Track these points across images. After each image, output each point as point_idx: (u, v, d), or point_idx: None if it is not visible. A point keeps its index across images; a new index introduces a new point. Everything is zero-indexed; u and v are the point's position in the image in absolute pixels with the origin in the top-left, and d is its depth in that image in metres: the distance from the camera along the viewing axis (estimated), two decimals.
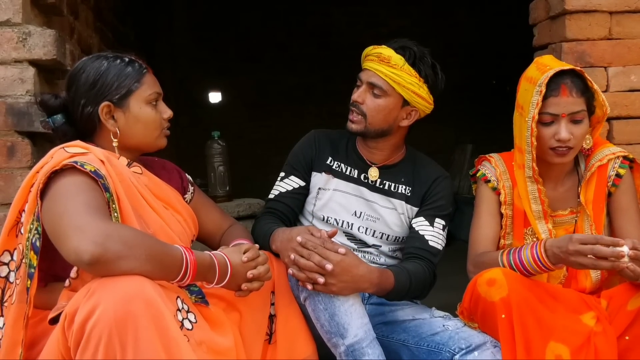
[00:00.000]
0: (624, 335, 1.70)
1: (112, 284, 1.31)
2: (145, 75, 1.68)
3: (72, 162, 1.46)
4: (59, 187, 1.45)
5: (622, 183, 1.93)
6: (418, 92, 1.98)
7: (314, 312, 1.74)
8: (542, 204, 1.93)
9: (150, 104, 1.69)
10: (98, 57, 1.69)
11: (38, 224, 1.45)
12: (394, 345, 1.89)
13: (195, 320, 1.49)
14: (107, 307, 1.28)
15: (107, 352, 1.28)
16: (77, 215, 1.37)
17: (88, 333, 1.28)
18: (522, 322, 1.64)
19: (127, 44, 4.27)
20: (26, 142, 2.04)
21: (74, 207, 1.39)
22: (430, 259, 1.99)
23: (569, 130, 1.82)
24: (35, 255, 1.44)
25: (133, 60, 1.69)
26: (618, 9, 2.31)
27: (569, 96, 1.81)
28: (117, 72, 1.65)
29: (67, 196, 1.42)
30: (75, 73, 1.66)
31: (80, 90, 1.64)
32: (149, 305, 1.31)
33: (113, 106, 1.64)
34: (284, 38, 7.67)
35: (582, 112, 1.83)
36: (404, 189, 2.09)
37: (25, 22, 2.07)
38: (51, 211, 1.42)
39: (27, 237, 1.45)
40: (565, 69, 1.83)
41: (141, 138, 1.69)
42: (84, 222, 1.35)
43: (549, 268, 1.73)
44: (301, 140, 2.18)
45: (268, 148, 7.28)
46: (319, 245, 1.71)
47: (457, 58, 7.15)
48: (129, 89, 1.64)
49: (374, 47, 2.02)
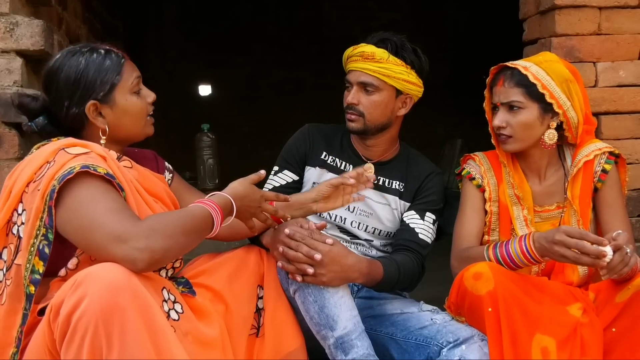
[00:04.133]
0: (611, 327, 1.72)
1: (98, 275, 1.30)
2: (124, 65, 1.63)
3: (84, 167, 1.43)
4: (78, 197, 1.42)
5: (608, 178, 1.96)
6: (408, 79, 1.99)
7: (303, 304, 1.74)
8: (513, 187, 1.98)
9: (135, 93, 1.65)
10: (73, 53, 1.60)
11: (49, 231, 1.41)
12: (382, 338, 1.90)
13: (181, 310, 1.48)
14: (93, 299, 1.26)
15: (93, 344, 1.27)
16: (108, 225, 1.38)
17: (74, 325, 1.27)
18: (509, 315, 1.66)
19: (116, 35, 4.24)
20: (13, 133, 2.03)
21: (101, 216, 1.39)
22: (419, 252, 2.00)
23: (503, 119, 1.92)
24: (42, 262, 1.41)
25: (109, 51, 1.63)
26: (607, 4, 2.32)
27: (503, 86, 1.92)
28: (97, 67, 1.58)
29: (90, 205, 1.41)
30: (52, 73, 1.59)
31: (62, 91, 1.57)
32: (135, 296, 1.30)
33: (99, 104, 1.59)
34: (274, 31, 7.65)
35: (516, 102, 1.90)
36: (397, 184, 2.10)
37: (13, 12, 2.05)
38: (75, 223, 1.41)
39: (31, 243, 1.41)
40: (509, 63, 1.93)
41: (131, 129, 1.66)
42: (119, 231, 1.37)
43: (537, 260, 1.75)
44: (295, 135, 2.18)
45: (258, 141, 7.27)
46: (306, 236, 1.71)
47: (447, 53, 7.17)
48: (112, 84, 1.59)
49: (354, 48, 2.03)
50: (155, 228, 1.40)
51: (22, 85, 2.04)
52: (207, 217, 1.52)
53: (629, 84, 2.35)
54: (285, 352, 1.76)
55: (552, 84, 1.88)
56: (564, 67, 1.93)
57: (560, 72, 1.90)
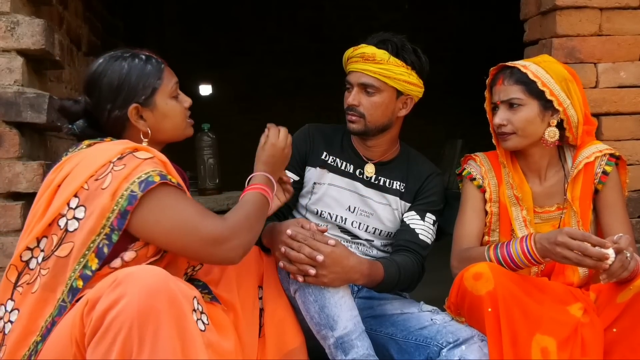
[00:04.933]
0: (612, 328, 1.72)
1: (139, 277, 1.32)
2: (164, 70, 1.68)
3: (163, 178, 1.50)
4: (162, 201, 1.50)
5: (608, 180, 1.96)
6: (409, 80, 1.99)
7: (304, 304, 1.74)
8: (512, 188, 1.98)
9: (174, 97, 1.70)
10: (116, 58, 1.65)
11: (114, 232, 1.46)
12: (382, 338, 1.90)
13: (207, 322, 1.49)
14: (131, 300, 1.28)
15: (124, 344, 1.28)
16: (202, 229, 1.51)
17: (108, 323, 1.28)
18: (509, 315, 1.66)
19: (117, 35, 4.24)
20: (14, 133, 2.03)
21: (193, 220, 1.52)
22: (419, 252, 2.00)
23: (504, 117, 1.92)
24: (97, 260, 1.45)
25: (149, 57, 1.69)
26: (608, 5, 2.32)
27: (502, 84, 1.92)
28: (139, 72, 1.63)
29: (178, 208, 1.51)
30: (96, 78, 1.63)
31: (105, 95, 1.61)
32: (172, 302, 1.32)
33: (141, 107, 1.63)
34: (274, 31, 7.65)
35: (516, 99, 1.90)
36: (398, 185, 2.10)
37: (14, 11, 2.04)
38: (166, 226, 1.49)
39: (92, 239, 1.45)
40: (508, 63, 1.94)
41: (171, 131, 1.71)
42: (214, 235, 1.52)
43: (538, 261, 1.75)
44: (295, 135, 2.18)
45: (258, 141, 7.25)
46: (309, 237, 1.71)
47: (447, 53, 7.16)
48: (153, 88, 1.64)
49: (354, 49, 2.03)
50: (240, 225, 1.57)
51: (22, 84, 2.04)
52: (264, 201, 1.71)
53: (629, 85, 2.35)
54: (285, 351, 1.77)
55: (551, 81, 1.88)
56: (562, 67, 1.94)
57: (559, 72, 1.91)
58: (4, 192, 2.01)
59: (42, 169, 2.02)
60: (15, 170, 2.00)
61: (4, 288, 1.50)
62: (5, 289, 1.50)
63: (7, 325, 1.47)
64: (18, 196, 2.03)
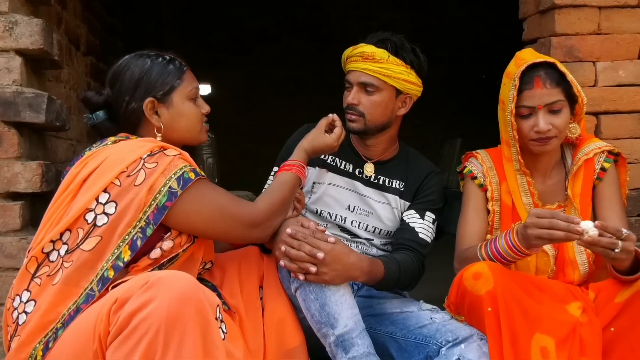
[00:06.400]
0: (610, 327, 1.72)
1: (171, 282, 1.34)
2: (185, 72, 1.74)
3: (197, 175, 1.59)
4: (199, 192, 1.59)
5: (606, 176, 1.95)
6: (408, 79, 2.00)
7: (304, 302, 1.74)
8: (532, 196, 1.95)
9: (192, 100, 1.74)
10: (141, 55, 1.72)
11: (149, 226, 1.52)
12: (382, 337, 1.90)
13: (226, 331, 1.51)
14: (161, 304, 1.29)
15: (149, 347, 1.29)
16: (238, 214, 1.64)
17: (136, 324, 1.29)
18: (508, 314, 1.66)
19: (116, 34, 4.24)
20: (13, 132, 2.02)
21: (229, 207, 1.64)
22: (419, 250, 2.00)
23: (548, 121, 1.85)
24: (130, 252, 1.51)
25: (173, 59, 1.74)
26: (607, 4, 2.32)
27: (543, 88, 1.84)
28: (160, 69, 1.69)
29: (215, 197, 1.62)
30: (119, 71, 1.70)
31: (125, 87, 1.68)
32: (200, 310, 1.33)
33: (157, 102, 1.68)
34: (273, 31, 7.64)
35: (559, 102, 1.85)
36: (398, 184, 2.10)
37: (12, 11, 2.04)
38: (206, 214, 1.60)
39: (127, 232, 1.51)
40: (538, 61, 1.86)
41: (184, 132, 1.74)
42: (250, 218, 1.66)
43: (523, 252, 1.74)
44: (294, 135, 2.18)
45: (257, 141, 7.26)
46: (308, 235, 1.71)
47: (447, 52, 7.16)
48: (171, 86, 1.70)
49: (353, 48, 2.03)
50: (272, 209, 1.71)
51: (21, 84, 2.04)
52: (297, 182, 1.84)
53: (628, 83, 2.35)
54: (285, 350, 1.77)
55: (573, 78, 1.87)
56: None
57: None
58: (3, 192, 2.01)
59: (41, 169, 2.02)
60: (14, 170, 2.00)
61: (21, 279, 1.53)
62: (23, 280, 1.52)
63: (22, 315, 1.49)
64: (17, 196, 2.03)
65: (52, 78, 2.65)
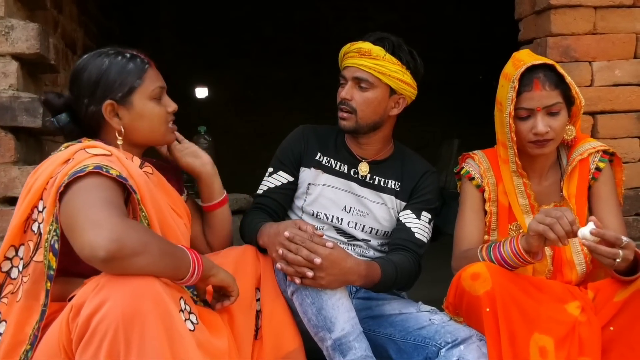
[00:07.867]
0: (609, 326, 1.72)
1: (122, 279, 1.31)
2: (147, 71, 1.66)
3: (96, 167, 1.43)
4: (80, 186, 1.41)
5: (601, 175, 1.95)
6: (403, 79, 2.00)
7: (301, 306, 1.74)
8: (529, 197, 1.95)
9: (154, 99, 1.67)
10: (100, 54, 1.66)
11: (57, 226, 1.42)
12: (381, 339, 1.90)
13: (196, 321, 1.48)
14: (115, 303, 1.27)
15: (111, 348, 1.27)
16: (95, 209, 1.35)
17: (93, 328, 1.28)
18: (507, 315, 1.66)
19: (112, 38, 4.24)
20: (9, 137, 2.03)
21: (92, 202, 1.37)
22: (415, 251, 2.00)
23: (546, 123, 1.84)
24: (55, 258, 1.41)
25: (135, 56, 1.67)
26: (602, 4, 2.33)
27: (542, 90, 1.83)
28: (119, 69, 1.62)
29: (87, 192, 1.39)
30: (77, 72, 1.64)
31: (83, 89, 1.62)
32: (157, 303, 1.31)
33: (116, 104, 1.62)
34: (270, 32, 7.65)
35: (557, 105, 1.85)
36: (393, 183, 2.10)
37: (8, 16, 2.05)
38: (69, 206, 1.39)
39: (45, 239, 1.42)
40: (537, 63, 1.85)
41: (147, 134, 1.69)
42: (102, 217, 1.33)
43: (528, 261, 1.74)
44: (289, 136, 2.18)
45: (255, 143, 7.26)
46: (306, 239, 1.71)
47: (443, 53, 7.18)
48: (131, 87, 1.62)
49: (351, 44, 2.03)
50: (136, 229, 1.36)
51: (17, 88, 2.04)
52: (185, 257, 1.47)
53: (624, 83, 2.36)
54: (283, 353, 1.76)
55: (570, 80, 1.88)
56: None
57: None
58: (0, 197, 2.01)
59: None
60: (11, 175, 2.00)
61: None
62: None
63: None
64: (14, 201, 2.02)
65: (48, 82, 2.65)
